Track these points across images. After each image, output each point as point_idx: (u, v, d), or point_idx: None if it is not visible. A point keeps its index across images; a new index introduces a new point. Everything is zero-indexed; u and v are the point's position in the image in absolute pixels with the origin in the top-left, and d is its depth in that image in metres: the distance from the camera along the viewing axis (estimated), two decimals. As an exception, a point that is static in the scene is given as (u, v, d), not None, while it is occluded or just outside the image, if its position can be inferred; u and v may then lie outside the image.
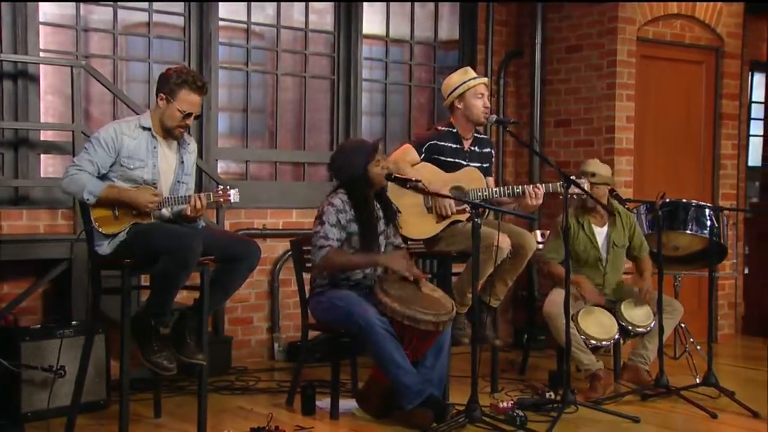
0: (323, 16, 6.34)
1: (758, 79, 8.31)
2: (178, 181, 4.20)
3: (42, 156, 5.34)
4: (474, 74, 5.04)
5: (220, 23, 5.87)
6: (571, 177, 4.69)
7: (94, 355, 4.32)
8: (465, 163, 4.99)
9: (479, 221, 4.19)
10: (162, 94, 4.10)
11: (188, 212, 4.03)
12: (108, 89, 5.30)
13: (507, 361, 5.95)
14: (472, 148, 5.07)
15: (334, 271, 4.47)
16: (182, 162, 4.22)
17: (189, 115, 4.10)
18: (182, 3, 5.75)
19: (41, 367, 4.36)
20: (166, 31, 5.79)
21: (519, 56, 7.05)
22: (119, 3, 5.56)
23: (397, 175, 4.57)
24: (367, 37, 6.46)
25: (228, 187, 4.08)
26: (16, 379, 4.33)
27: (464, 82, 4.96)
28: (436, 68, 6.86)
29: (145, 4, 5.64)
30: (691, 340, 5.70)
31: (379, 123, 6.65)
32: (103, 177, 4.07)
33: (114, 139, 4.06)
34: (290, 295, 6.10)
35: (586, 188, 4.81)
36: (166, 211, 4.15)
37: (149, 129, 4.14)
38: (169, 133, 4.14)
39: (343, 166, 4.52)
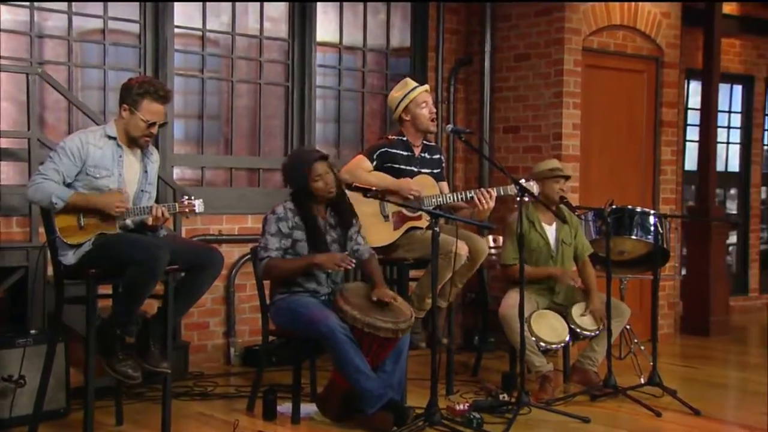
0: (278, 24, 6.41)
1: (694, 86, 8.64)
2: (142, 191, 4.25)
3: (-4, 163, 5.32)
4: (414, 84, 5.19)
5: (176, 30, 5.90)
6: (520, 180, 4.87)
7: (53, 363, 4.33)
8: (417, 170, 5.12)
9: (438, 230, 4.32)
10: (125, 105, 4.14)
11: (150, 222, 4.06)
12: (64, 96, 5.30)
13: (459, 363, 6.10)
14: (423, 155, 5.21)
15: (276, 279, 4.59)
16: (146, 171, 4.26)
17: (153, 124, 4.15)
18: (138, 10, 5.77)
19: (1, 377, 4.36)
20: (122, 37, 5.80)
21: (469, 64, 7.21)
22: (74, 10, 5.56)
23: (356, 184, 4.68)
24: (321, 44, 6.55)
25: (193, 198, 4.13)
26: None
27: (406, 95, 5.11)
28: (388, 75, 6.99)
29: (100, 11, 5.65)
30: (636, 340, 5.93)
31: (333, 129, 6.75)
32: (68, 186, 4.10)
33: (80, 148, 4.09)
34: (246, 300, 6.17)
35: (535, 192, 4.98)
36: (129, 222, 4.18)
37: (114, 138, 4.18)
38: (134, 143, 4.18)
39: (288, 176, 4.68)
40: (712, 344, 7.34)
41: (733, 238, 9.37)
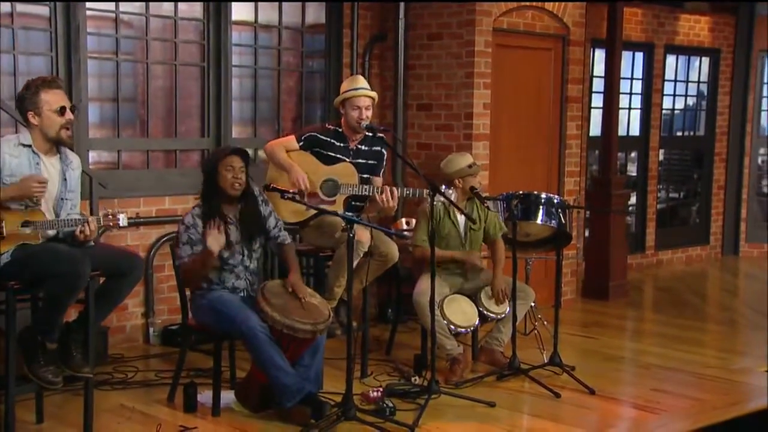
0: (192, 5, 6.37)
1: (599, 54, 8.95)
2: (62, 198, 4.28)
3: None
4: (361, 85, 5.39)
5: (88, 13, 5.82)
6: (437, 186, 5.10)
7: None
8: (348, 160, 5.37)
9: (353, 234, 4.50)
10: (29, 112, 4.16)
11: (79, 237, 4.13)
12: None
13: (373, 338, 6.34)
14: (360, 147, 5.43)
15: (194, 279, 4.72)
16: (65, 179, 4.29)
17: (63, 108, 4.17)
18: (48, -7, 5.68)
19: None
20: (32, 21, 5.70)
21: (383, 40, 7.31)
22: (-19, -6, 5.45)
23: (274, 185, 4.82)
24: (237, 23, 6.55)
25: (117, 212, 4.19)
26: None
27: (347, 91, 5.33)
28: (303, 52, 7.04)
29: (9, -5, 5.55)
30: (539, 316, 6.28)
31: (249, 108, 6.80)
32: None
33: (-6, 158, 4.10)
34: (164, 280, 6.27)
35: (452, 196, 5.21)
36: (51, 231, 4.23)
37: (29, 146, 4.20)
38: (60, 142, 4.21)
39: (203, 168, 4.80)
40: (610, 309, 7.79)
41: (633, 199, 9.84)
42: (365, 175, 5.43)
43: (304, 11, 6.98)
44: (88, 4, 5.82)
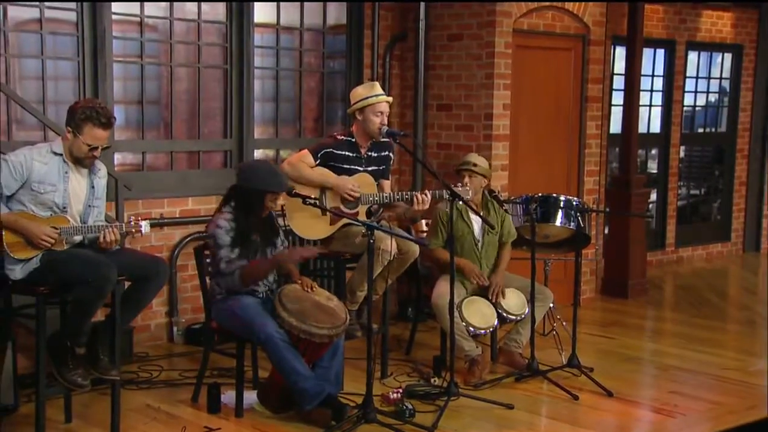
0: (215, 7, 6.45)
1: (619, 51, 8.94)
2: (89, 206, 4.40)
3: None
4: (379, 91, 5.38)
5: (114, 17, 5.91)
6: (455, 185, 5.16)
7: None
8: (362, 169, 5.38)
9: (373, 240, 4.58)
10: (69, 128, 4.26)
11: (102, 244, 4.23)
12: (1, 91, 5.34)
13: (393, 337, 6.41)
14: (370, 154, 5.45)
15: (253, 283, 4.79)
16: (93, 187, 4.40)
17: (96, 148, 4.28)
18: (74, -2, 5.78)
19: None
20: (59, 26, 5.80)
21: (404, 40, 7.36)
22: (9, 1, 5.54)
23: (296, 191, 4.89)
24: (259, 25, 6.63)
25: (140, 219, 4.29)
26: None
27: (367, 98, 5.31)
28: (324, 53, 7.11)
29: (36, 1, 5.63)
30: (558, 317, 6.33)
31: (271, 108, 6.88)
32: (10, 198, 4.23)
33: (23, 164, 4.21)
34: (188, 280, 6.38)
35: (469, 194, 5.27)
36: (77, 237, 4.33)
37: (60, 155, 4.30)
38: (79, 163, 4.31)
39: (247, 182, 4.75)
40: (629, 308, 7.82)
41: (653, 196, 9.84)
42: (377, 181, 5.48)
43: (325, 12, 7.04)
44: (114, 8, 5.90)
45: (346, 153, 5.35)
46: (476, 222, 5.74)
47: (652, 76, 9.68)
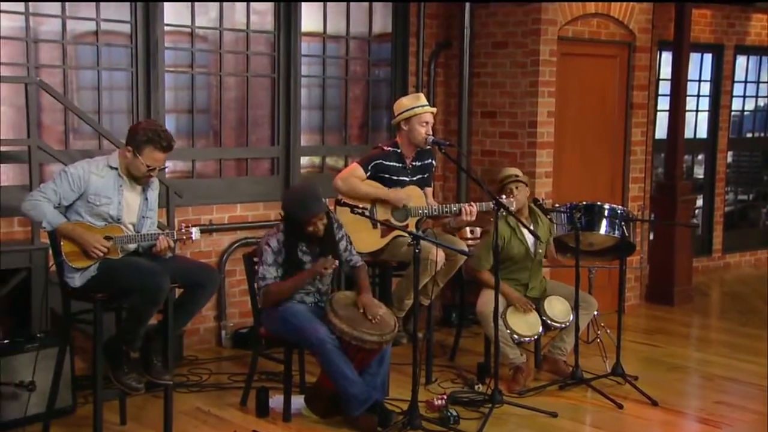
0: (264, 17, 6.58)
1: (666, 56, 8.90)
2: (143, 217, 4.54)
3: (-2, 165, 5.54)
4: (424, 102, 5.46)
5: (166, 28, 6.06)
6: (499, 198, 5.21)
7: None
8: (408, 179, 5.46)
9: (419, 250, 4.66)
10: (129, 147, 4.40)
11: (156, 252, 4.37)
12: (60, 102, 5.51)
13: (438, 343, 6.47)
14: (414, 164, 5.54)
15: (274, 302, 4.90)
16: (146, 199, 4.55)
17: (153, 169, 4.41)
18: (129, 10, 5.92)
19: (15, 383, 4.68)
20: (114, 38, 5.97)
21: (448, 47, 7.42)
22: (67, 14, 5.71)
23: (345, 200, 4.99)
24: (306, 34, 6.74)
25: (190, 226, 4.42)
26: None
27: (412, 108, 5.39)
28: (370, 61, 7.20)
29: (93, 14, 5.80)
30: (602, 324, 6.34)
31: (318, 116, 6.99)
32: (68, 208, 4.38)
33: (81, 177, 4.36)
34: (236, 284, 6.51)
35: (512, 207, 5.32)
36: (132, 246, 4.47)
37: (116, 169, 4.45)
38: (135, 180, 4.46)
39: (287, 213, 4.88)
40: (675, 315, 7.79)
41: (699, 202, 9.77)
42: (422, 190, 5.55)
43: (371, 20, 7.13)
44: (166, 20, 6.05)
45: (396, 164, 5.44)
46: (529, 237, 5.77)
47: (699, 81, 9.62)
